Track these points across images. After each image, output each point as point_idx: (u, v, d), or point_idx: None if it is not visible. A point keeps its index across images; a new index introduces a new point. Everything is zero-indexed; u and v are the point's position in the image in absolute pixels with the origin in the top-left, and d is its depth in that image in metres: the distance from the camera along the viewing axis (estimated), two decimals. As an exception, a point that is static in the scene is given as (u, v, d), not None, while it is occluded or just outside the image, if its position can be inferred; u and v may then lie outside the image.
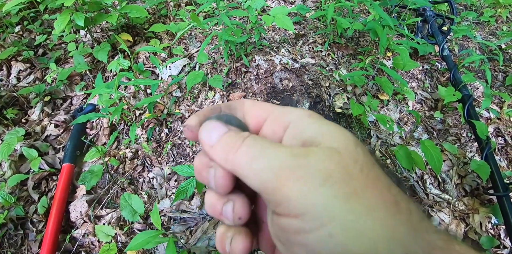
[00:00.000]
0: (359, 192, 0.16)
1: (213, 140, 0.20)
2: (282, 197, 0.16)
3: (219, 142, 0.20)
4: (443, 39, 1.60)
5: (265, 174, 0.17)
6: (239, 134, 0.20)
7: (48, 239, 0.97)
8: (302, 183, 0.16)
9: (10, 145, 1.12)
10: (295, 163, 0.17)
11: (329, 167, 0.17)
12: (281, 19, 1.26)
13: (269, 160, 0.17)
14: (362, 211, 0.15)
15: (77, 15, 1.30)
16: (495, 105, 1.47)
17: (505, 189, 0.99)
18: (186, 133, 0.23)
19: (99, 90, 1.07)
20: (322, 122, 0.20)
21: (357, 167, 0.17)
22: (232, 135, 0.20)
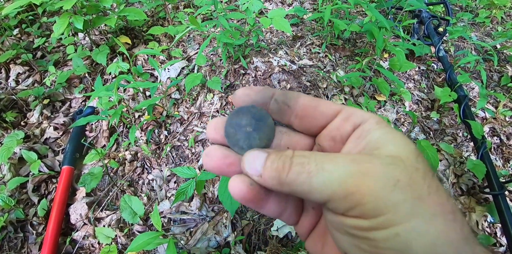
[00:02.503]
0: (423, 198, 0.17)
1: (259, 170, 0.21)
2: (354, 202, 0.17)
3: (265, 169, 0.20)
4: (439, 40, 1.62)
5: (331, 186, 0.18)
6: (282, 155, 0.20)
7: (48, 241, 0.98)
8: (374, 188, 0.17)
9: (9, 148, 1.12)
10: (361, 170, 0.18)
11: (395, 173, 0.17)
12: (279, 22, 1.28)
13: (330, 173, 0.18)
14: (427, 216, 0.17)
15: (76, 18, 1.31)
16: (491, 105, 1.49)
17: (500, 187, 1.00)
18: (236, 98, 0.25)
19: (99, 92, 1.08)
20: (387, 130, 0.21)
21: (419, 175, 0.18)
22: (275, 158, 0.20)
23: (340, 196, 0.18)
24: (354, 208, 0.17)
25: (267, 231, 1.04)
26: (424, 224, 0.17)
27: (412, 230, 0.16)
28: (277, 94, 0.24)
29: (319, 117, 0.24)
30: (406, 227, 0.17)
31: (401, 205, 0.17)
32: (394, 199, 0.17)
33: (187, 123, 1.34)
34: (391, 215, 0.17)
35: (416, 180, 0.18)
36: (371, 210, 0.17)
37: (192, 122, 1.35)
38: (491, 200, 1.06)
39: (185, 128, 1.33)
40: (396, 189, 0.17)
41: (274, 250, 0.96)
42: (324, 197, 0.18)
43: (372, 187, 0.17)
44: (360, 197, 0.17)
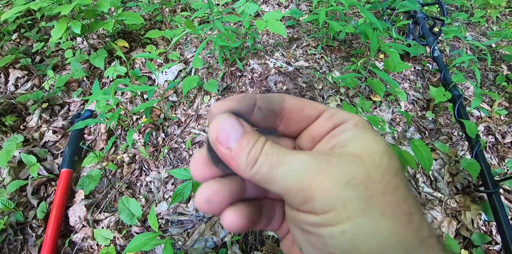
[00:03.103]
0: (377, 197, 0.17)
1: (231, 143, 0.20)
2: (306, 198, 0.17)
3: (238, 147, 0.20)
4: (434, 40, 1.63)
5: (287, 180, 0.18)
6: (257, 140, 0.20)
7: (48, 243, 0.99)
8: (326, 184, 0.17)
9: (9, 151, 1.13)
10: (317, 166, 0.18)
11: (351, 170, 0.18)
12: (274, 24, 1.29)
13: (288, 167, 0.18)
14: (376, 215, 0.16)
15: (73, 22, 1.32)
16: (486, 104, 1.50)
17: (494, 186, 1.01)
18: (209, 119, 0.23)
19: (96, 96, 1.09)
20: (361, 130, 0.21)
21: (378, 174, 0.18)
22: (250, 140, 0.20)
23: (295, 190, 0.18)
24: (306, 203, 0.18)
25: (263, 231, 1.05)
26: (373, 223, 0.16)
27: (358, 228, 0.16)
28: (260, 101, 0.23)
29: (304, 120, 0.24)
30: (353, 224, 0.16)
31: (351, 202, 0.17)
32: (344, 196, 0.17)
33: (185, 126, 1.35)
34: (340, 211, 0.17)
35: (372, 179, 0.18)
36: (321, 206, 0.17)
37: (190, 124, 1.36)
38: (486, 198, 1.06)
39: (183, 131, 1.34)
40: (348, 186, 0.17)
41: (270, 250, 0.97)
42: (281, 190, 0.18)
43: (324, 183, 0.17)
44: (312, 192, 0.17)
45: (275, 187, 0.19)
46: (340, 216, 0.17)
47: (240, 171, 0.20)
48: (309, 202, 0.17)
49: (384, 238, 0.16)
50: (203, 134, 1.30)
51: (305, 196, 0.18)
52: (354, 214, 0.16)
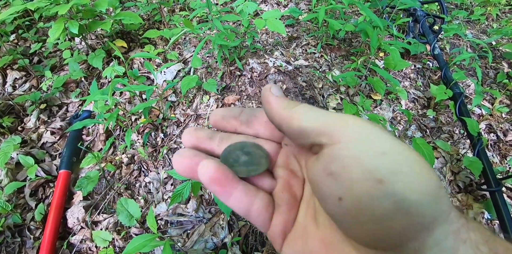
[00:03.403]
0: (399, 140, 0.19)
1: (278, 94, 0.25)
2: (340, 127, 0.20)
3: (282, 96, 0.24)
4: (434, 38, 1.62)
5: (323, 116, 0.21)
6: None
7: (46, 245, 0.98)
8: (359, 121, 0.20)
9: (6, 153, 1.13)
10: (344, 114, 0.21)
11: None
12: (273, 23, 1.28)
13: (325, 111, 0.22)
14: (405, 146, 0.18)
15: (71, 23, 1.31)
16: (487, 101, 1.49)
17: (497, 184, 1.00)
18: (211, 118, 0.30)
19: (94, 96, 1.08)
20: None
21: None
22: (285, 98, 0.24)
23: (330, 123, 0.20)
24: (343, 132, 0.19)
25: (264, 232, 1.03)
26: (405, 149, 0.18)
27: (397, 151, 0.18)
28: (246, 109, 0.29)
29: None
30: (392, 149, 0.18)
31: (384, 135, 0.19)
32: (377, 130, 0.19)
33: (184, 126, 1.34)
34: (377, 140, 0.18)
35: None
36: (355, 133, 0.19)
37: (189, 124, 1.35)
38: (488, 197, 1.05)
39: (182, 131, 1.33)
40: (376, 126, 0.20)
41: (270, 251, 0.96)
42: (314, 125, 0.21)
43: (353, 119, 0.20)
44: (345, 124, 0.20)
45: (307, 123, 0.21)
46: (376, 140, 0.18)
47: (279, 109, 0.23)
48: (346, 132, 0.19)
49: (418, 162, 0.17)
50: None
51: (338, 126, 0.20)
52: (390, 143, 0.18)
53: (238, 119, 0.29)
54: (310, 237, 0.22)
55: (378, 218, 0.17)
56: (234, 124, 0.29)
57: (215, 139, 0.28)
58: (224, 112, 0.29)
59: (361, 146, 0.18)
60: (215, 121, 0.29)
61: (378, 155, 0.17)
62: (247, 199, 0.24)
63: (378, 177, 0.17)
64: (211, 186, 0.23)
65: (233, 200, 0.24)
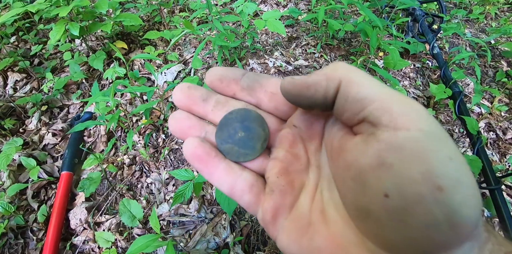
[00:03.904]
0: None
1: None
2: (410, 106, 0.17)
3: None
4: (433, 38, 1.62)
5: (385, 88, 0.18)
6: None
7: (49, 247, 0.98)
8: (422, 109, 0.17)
9: (8, 155, 1.13)
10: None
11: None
12: (273, 23, 1.29)
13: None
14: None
15: (72, 24, 1.32)
16: (486, 100, 1.49)
17: (496, 182, 1.00)
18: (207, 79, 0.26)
19: (96, 98, 1.09)
20: None
21: None
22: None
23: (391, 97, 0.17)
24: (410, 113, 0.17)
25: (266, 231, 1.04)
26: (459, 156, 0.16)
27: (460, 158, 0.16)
28: (249, 73, 0.25)
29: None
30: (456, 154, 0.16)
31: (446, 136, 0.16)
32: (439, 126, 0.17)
33: (185, 126, 1.35)
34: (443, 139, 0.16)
35: None
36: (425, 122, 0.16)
37: (190, 125, 1.35)
38: (488, 195, 1.06)
39: (183, 131, 1.33)
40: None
41: (273, 250, 0.97)
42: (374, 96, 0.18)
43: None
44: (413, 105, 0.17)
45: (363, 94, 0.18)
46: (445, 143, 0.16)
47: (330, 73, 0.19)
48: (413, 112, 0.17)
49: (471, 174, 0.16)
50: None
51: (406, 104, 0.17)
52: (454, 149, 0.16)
53: (239, 83, 0.25)
54: (318, 234, 0.20)
55: (422, 225, 0.15)
56: (234, 88, 0.26)
57: (210, 102, 0.26)
58: (224, 71, 0.25)
59: (429, 143, 0.15)
60: (212, 82, 0.26)
61: (446, 160, 0.15)
62: (229, 179, 0.23)
63: (439, 183, 0.15)
64: (192, 162, 0.23)
65: (215, 178, 0.24)
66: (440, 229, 0.15)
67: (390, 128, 0.16)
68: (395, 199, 0.15)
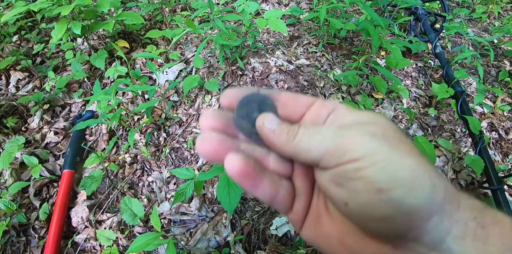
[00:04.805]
0: (396, 145, 0.22)
1: (274, 127, 0.25)
2: (344, 150, 0.21)
3: (278, 127, 0.25)
4: (435, 37, 1.62)
5: (326, 142, 0.22)
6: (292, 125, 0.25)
7: (50, 245, 0.99)
8: (357, 139, 0.22)
9: (10, 153, 1.13)
10: (347, 129, 0.23)
11: (372, 130, 0.22)
12: (274, 22, 1.29)
13: (325, 133, 0.23)
14: (402, 154, 0.21)
15: (74, 23, 1.32)
16: (489, 100, 1.48)
17: (499, 182, 1.00)
18: (223, 100, 0.28)
19: (97, 97, 1.09)
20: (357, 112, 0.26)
21: (390, 131, 0.23)
22: (288, 124, 0.25)
23: (332, 149, 0.22)
24: (344, 154, 0.21)
25: (266, 230, 1.04)
26: (402, 158, 0.21)
27: (393, 163, 0.20)
28: (261, 90, 0.29)
29: (299, 105, 0.28)
30: (388, 162, 0.20)
31: (381, 148, 0.21)
32: (374, 144, 0.21)
33: (186, 125, 1.35)
34: (375, 154, 0.21)
35: (388, 134, 0.23)
36: (358, 153, 0.21)
37: (191, 124, 1.36)
38: (490, 195, 1.05)
39: (184, 130, 1.34)
40: (373, 138, 0.22)
41: (273, 249, 0.97)
42: (320, 153, 0.22)
43: (355, 138, 0.22)
44: (348, 145, 0.21)
45: (313, 153, 0.23)
46: (378, 157, 0.20)
47: (283, 145, 0.24)
48: (347, 153, 0.21)
49: (414, 167, 0.20)
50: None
51: (343, 150, 0.22)
52: (387, 155, 0.21)
53: None
54: (325, 223, 0.25)
55: (380, 219, 0.20)
56: None
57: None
58: (237, 93, 0.28)
59: (363, 164, 0.20)
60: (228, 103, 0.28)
61: (380, 170, 0.20)
62: (273, 190, 0.26)
63: (378, 187, 0.20)
64: (239, 180, 0.24)
65: (260, 191, 0.25)
66: (395, 219, 0.20)
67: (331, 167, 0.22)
68: (353, 206, 0.21)
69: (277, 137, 0.25)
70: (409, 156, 0.21)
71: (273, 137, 0.25)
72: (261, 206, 1.10)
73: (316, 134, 0.23)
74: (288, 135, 0.24)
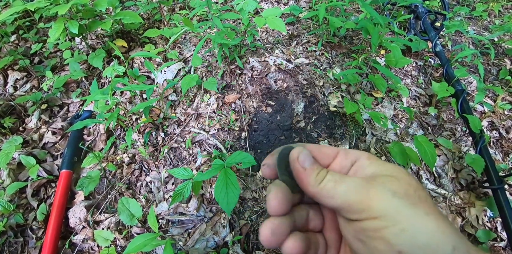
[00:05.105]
0: (417, 204, 0.23)
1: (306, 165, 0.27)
2: (365, 206, 0.23)
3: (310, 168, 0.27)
4: (435, 35, 1.61)
5: (349, 193, 0.24)
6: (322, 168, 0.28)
7: (48, 245, 0.98)
8: (379, 196, 0.23)
9: (8, 153, 1.13)
10: (369, 184, 0.24)
11: (393, 187, 0.24)
12: (273, 21, 1.27)
13: (350, 183, 0.25)
14: (422, 215, 0.22)
15: (71, 23, 1.31)
16: (489, 99, 1.47)
17: (499, 181, 0.99)
18: (264, 171, 0.31)
19: (94, 96, 1.08)
20: (379, 163, 0.28)
21: (411, 189, 0.24)
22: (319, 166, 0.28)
23: (354, 202, 0.24)
24: (364, 211, 0.23)
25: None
26: (422, 220, 0.22)
27: (413, 225, 0.21)
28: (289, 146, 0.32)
29: (325, 158, 0.30)
30: (408, 223, 0.21)
31: (401, 208, 0.22)
32: (395, 204, 0.23)
33: (184, 125, 1.34)
34: (395, 215, 0.22)
35: (409, 193, 0.24)
36: (377, 212, 0.22)
37: (189, 123, 1.35)
38: (491, 194, 1.05)
39: (182, 130, 1.33)
40: (395, 197, 0.23)
41: (272, 250, 0.96)
42: (341, 202, 0.24)
43: (377, 195, 0.23)
44: (369, 202, 0.23)
45: (336, 200, 0.25)
46: (396, 217, 0.22)
47: (310, 186, 0.26)
48: (367, 210, 0.23)
49: (434, 230, 0.21)
50: (203, 133, 1.29)
51: (364, 205, 0.23)
52: (407, 216, 0.22)
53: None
54: None
55: None
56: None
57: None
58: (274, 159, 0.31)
59: (385, 224, 0.22)
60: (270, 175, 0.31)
61: (399, 232, 0.21)
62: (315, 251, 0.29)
63: (398, 249, 0.21)
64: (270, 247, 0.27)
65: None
66: None
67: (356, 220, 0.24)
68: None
69: (306, 176, 0.27)
70: (430, 218, 0.22)
71: (303, 174, 0.27)
72: (259, 206, 1.10)
73: (341, 183, 0.25)
74: (316, 178, 0.26)
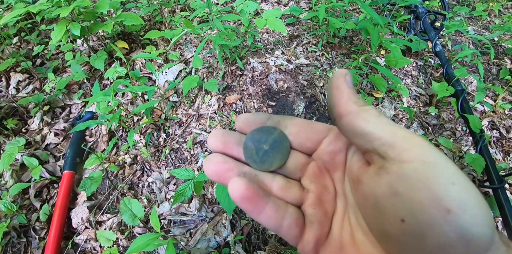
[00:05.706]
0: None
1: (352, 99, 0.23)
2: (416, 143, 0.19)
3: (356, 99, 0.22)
4: (435, 35, 1.61)
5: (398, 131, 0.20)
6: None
7: (51, 246, 0.99)
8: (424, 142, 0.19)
9: (11, 155, 1.14)
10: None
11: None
12: (273, 22, 1.28)
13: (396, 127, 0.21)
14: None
15: (73, 25, 1.32)
16: (490, 98, 1.48)
17: (500, 181, 0.99)
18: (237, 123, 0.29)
19: (96, 98, 1.09)
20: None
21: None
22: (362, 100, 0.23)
23: (402, 136, 0.20)
24: (414, 149, 0.19)
25: (266, 230, 1.04)
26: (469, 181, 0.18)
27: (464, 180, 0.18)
28: (274, 116, 0.29)
29: (314, 132, 0.27)
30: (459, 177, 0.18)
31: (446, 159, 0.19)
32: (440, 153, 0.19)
33: (186, 126, 1.35)
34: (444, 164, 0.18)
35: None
36: (433, 156, 0.18)
37: (191, 124, 1.36)
38: (491, 194, 1.05)
39: (184, 131, 1.34)
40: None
41: (273, 249, 0.97)
42: (391, 132, 0.20)
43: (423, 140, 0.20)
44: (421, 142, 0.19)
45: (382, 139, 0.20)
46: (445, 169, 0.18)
47: (352, 102, 0.22)
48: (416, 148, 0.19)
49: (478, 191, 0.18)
50: (204, 133, 1.30)
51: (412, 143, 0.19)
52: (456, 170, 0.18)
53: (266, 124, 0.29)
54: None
55: (439, 245, 0.17)
56: None
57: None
58: (250, 117, 0.29)
59: (432, 172, 0.18)
60: (241, 127, 0.29)
61: (449, 184, 0.17)
62: (278, 215, 0.24)
63: (447, 206, 0.17)
64: (241, 204, 0.23)
65: (264, 217, 0.24)
66: (454, 248, 0.16)
67: (396, 162, 0.19)
68: (411, 223, 0.17)
69: (350, 93, 0.22)
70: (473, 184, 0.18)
71: (347, 90, 0.22)
72: (261, 206, 1.10)
73: (384, 117, 0.21)
74: (358, 99, 0.22)
